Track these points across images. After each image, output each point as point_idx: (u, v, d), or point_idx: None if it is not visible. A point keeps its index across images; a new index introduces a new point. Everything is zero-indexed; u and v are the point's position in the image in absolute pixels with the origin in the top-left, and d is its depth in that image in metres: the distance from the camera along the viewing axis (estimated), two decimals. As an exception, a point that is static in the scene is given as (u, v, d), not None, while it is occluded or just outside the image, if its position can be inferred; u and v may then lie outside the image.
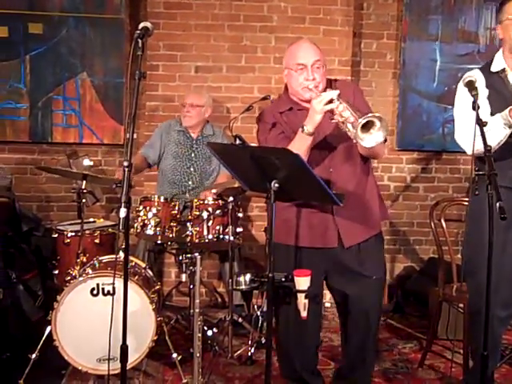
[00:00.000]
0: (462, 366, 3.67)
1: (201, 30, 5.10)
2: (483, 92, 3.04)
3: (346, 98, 2.68)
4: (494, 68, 3.15)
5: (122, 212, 2.38)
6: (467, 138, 3.00)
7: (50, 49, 5.10)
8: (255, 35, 5.14)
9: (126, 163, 2.44)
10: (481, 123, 2.65)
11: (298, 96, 2.93)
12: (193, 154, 4.69)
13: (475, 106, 2.68)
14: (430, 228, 4.05)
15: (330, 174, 2.87)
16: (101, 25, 5.10)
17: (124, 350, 2.56)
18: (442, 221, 4.01)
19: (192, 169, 4.68)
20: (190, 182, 4.66)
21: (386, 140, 2.62)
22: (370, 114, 2.53)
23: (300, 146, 2.73)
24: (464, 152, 3.15)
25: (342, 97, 2.66)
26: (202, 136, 4.71)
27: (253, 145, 3.27)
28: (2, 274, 4.08)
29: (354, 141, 2.60)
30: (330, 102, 2.64)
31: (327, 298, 4.56)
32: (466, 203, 4.20)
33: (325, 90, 2.80)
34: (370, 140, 2.55)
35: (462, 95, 3.08)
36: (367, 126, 2.53)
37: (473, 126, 2.69)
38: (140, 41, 2.48)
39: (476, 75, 3.00)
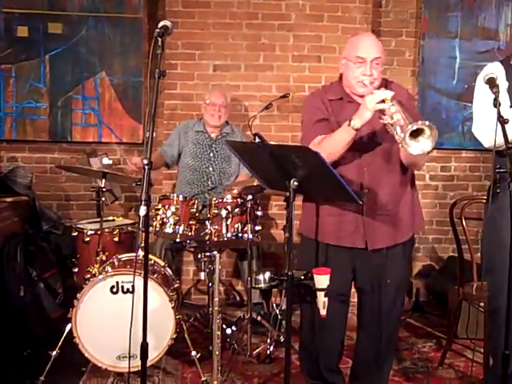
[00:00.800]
0: (482, 366, 3.64)
1: (219, 28, 5.11)
2: (503, 84, 3.01)
3: (399, 100, 2.62)
4: None
5: (142, 210, 2.39)
6: (485, 132, 2.99)
7: (70, 48, 5.13)
8: (273, 33, 5.14)
9: (145, 161, 2.46)
10: (502, 121, 2.63)
11: (351, 89, 2.87)
12: (211, 154, 4.69)
13: (496, 104, 2.66)
14: (450, 226, 4.03)
15: (364, 174, 2.84)
16: (120, 24, 5.13)
17: (144, 347, 2.57)
18: (462, 219, 3.98)
19: (211, 168, 4.68)
20: (209, 182, 4.66)
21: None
22: (420, 122, 2.46)
23: (342, 138, 2.69)
24: (483, 149, 3.13)
25: (396, 99, 2.60)
26: (221, 135, 4.71)
27: (272, 143, 3.26)
28: (23, 271, 4.11)
29: (400, 145, 2.56)
30: (383, 101, 2.58)
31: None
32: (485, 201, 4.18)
33: (379, 89, 2.73)
34: (416, 147, 2.48)
35: (482, 90, 3.06)
36: (416, 133, 2.46)
37: (491, 120, 2.68)
38: (160, 39, 2.49)
39: (496, 68, 2.99)
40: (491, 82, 2.77)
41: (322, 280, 2.63)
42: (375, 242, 2.89)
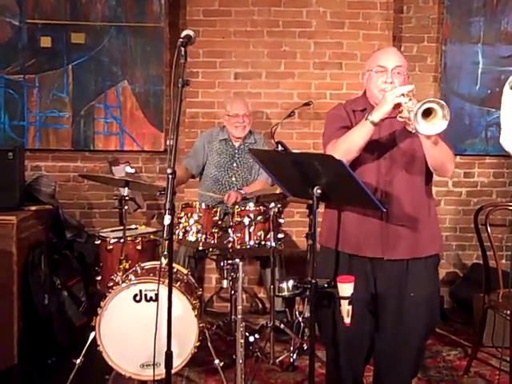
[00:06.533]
0: (508, 374, 3.59)
1: (240, 36, 5.13)
2: None
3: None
4: None
5: (167, 219, 2.40)
6: None
7: (92, 58, 5.18)
8: (294, 41, 5.14)
9: (169, 170, 2.46)
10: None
11: (374, 99, 2.84)
12: (234, 164, 4.69)
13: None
14: (474, 233, 3.99)
15: (385, 183, 2.80)
16: (141, 33, 5.16)
17: (169, 356, 2.57)
18: (487, 226, 3.93)
19: (234, 178, 4.68)
20: (231, 192, 4.67)
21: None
22: (431, 99, 2.48)
23: (359, 134, 2.66)
24: (507, 155, 3.10)
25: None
26: (243, 145, 4.71)
27: (295, 151, 3.26)
28: (47, 280, 4.14)
29: (414, 131, 2.52)
30: (403, 95, 2.57)
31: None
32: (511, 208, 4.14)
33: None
34: (428, 129, 2.48)
35: (509, 98, 3.03)
36: (428, 114, 2.47)
37: None
38: (183, 49, 2.50)
39: None
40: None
41: (345, 288, 2.61)
42: (392, 252, 2.82)
